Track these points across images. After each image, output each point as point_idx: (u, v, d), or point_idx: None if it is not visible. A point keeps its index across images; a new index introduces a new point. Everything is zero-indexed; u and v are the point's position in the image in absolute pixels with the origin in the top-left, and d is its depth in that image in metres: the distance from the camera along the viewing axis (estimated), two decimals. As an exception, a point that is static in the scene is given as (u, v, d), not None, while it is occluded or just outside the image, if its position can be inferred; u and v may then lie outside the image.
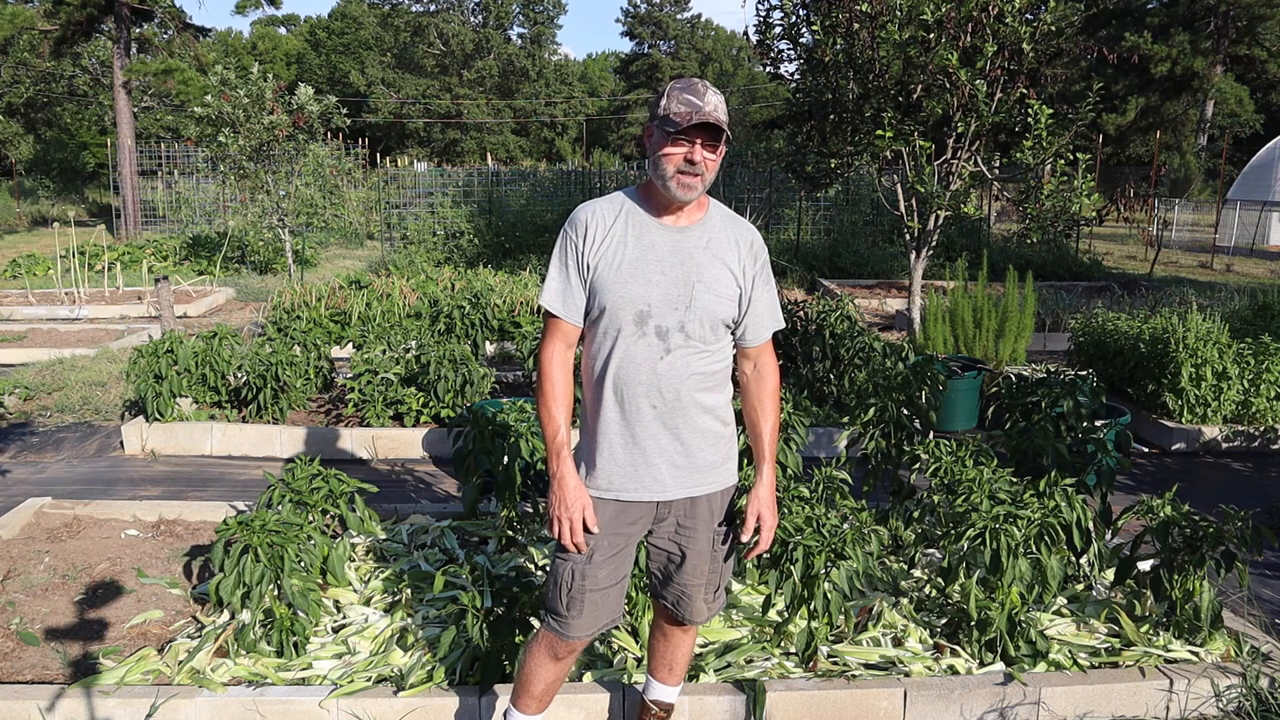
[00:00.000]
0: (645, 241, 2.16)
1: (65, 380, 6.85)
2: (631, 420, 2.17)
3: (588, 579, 2.20)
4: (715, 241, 2.20)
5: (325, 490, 3.51)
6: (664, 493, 2.21)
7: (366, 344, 6.21)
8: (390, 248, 15.07)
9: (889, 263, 13.33)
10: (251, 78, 11.58)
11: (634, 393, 2.16)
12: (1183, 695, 2.88)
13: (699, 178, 2.08)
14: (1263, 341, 5.96)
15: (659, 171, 2.10)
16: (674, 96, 2.06)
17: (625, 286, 2.13)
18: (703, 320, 2.16)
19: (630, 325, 2.14)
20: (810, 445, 5.20)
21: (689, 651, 2.52)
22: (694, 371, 2.18)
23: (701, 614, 2.36)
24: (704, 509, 2.27)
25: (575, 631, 2.24)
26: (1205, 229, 19.79)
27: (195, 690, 2.75)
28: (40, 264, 12.86)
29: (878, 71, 7.25)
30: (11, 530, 3.90)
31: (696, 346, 2.17)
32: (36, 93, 30.24)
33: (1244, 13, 28.44)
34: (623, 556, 2.25)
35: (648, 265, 2.14)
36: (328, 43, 47.99)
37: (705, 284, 2.16)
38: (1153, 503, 3.16)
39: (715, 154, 2.09)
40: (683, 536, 2.27)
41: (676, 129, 2.03)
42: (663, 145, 2.07)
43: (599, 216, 2.18)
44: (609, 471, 2.20)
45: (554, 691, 2.41)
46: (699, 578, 2.31)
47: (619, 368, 2.16)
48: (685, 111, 2.03)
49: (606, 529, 2.20)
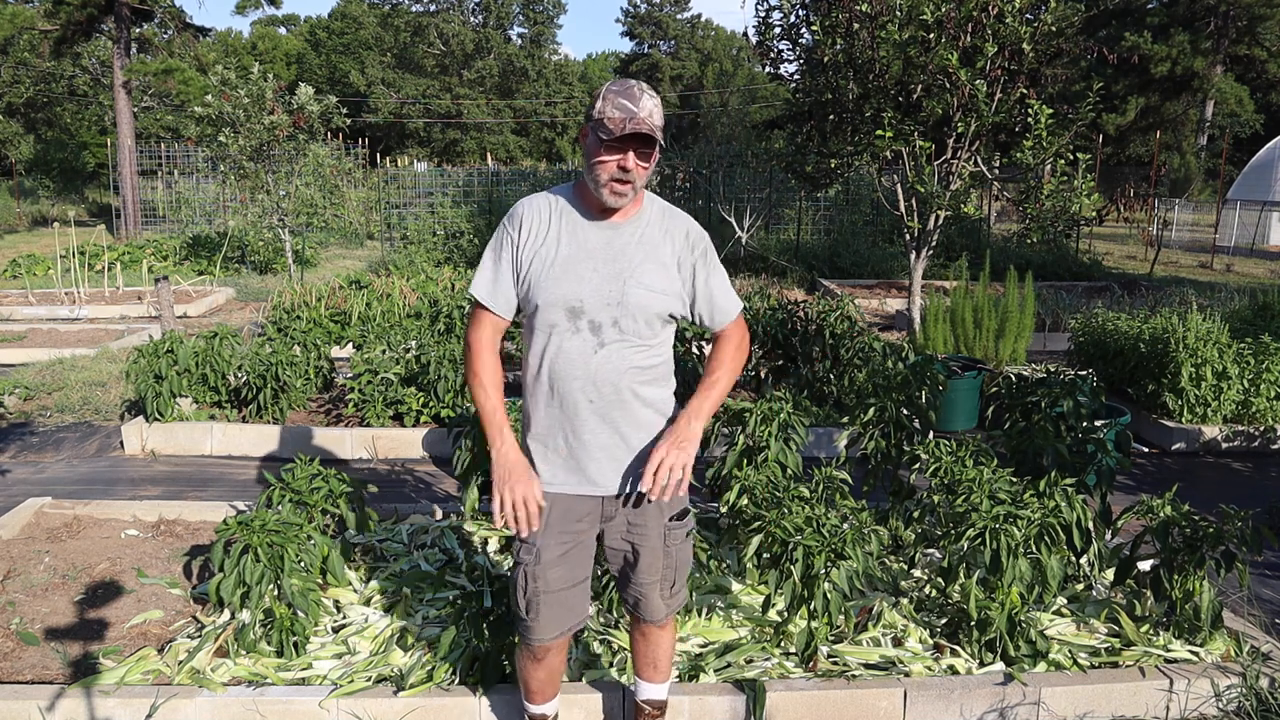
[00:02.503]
0: (579, 239, 2.17)
1: (65, 380, 6.85)
2: (570, 415, 2.18)
3: (540, 581, 2.21)
4: (649, 236, 2.20)
5: (325, 490, 3.51)
6: (608, 488, 2.21)
7: (366, 344, 6.21)
8: (390, 248, 15.07)
9: (889, 263, 13.33)
10: (251, 78, 11.58)
11: (570, 387, 2.16)
12: (1183, 695, 2.88)
13: (630, 185, 2.09)
14: (1263, 341, 5.96)
15: (593, 176, 2.10)
16: (609, 100, 2.04)
17: (558, 284, 2.14)
18: (636, 316, 2.16)
19: (564, 321, 2.15)
20: (810, 445, 5.20)
21: (670, 648, 2.51)
22: (631, 365, 2.18)
23: (660, 612, 2.36)
24: (652, 505, 2.26)
25: (538, 635, 2.26)
26: (1205, 229, 19.79)
27: (195, 690, 2.75)
28: (40, 264, 12.86)
29: (878, 71, 7.25)
30: (11, 530, 3.90)
31: (631, 341, 2.18)
32: (36, 93, 30.26)
33: (1244, 13, 28.43)
34: (575, 557, 2.24)
35: (580, 263, 2.15)
36: (328, 43, 47.99)
37: (637, 279, 2.16)
38: (1153, 503, 3.16)
39: (649, 161, 2.09)
40: (635, 535, 2.27)
41: (610, 137, 2.02)
42: (596, 152, 2.07)
43: (535, 212, 2.20)
44: (552, 465, 2.21)
45: (554, 682, 2.44)
46: (654, 575, 2.31)
47: (554, 363, 2.17)
48: (619, 119, 2.02)
49: (553, 527, 2.21)
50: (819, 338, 6.21)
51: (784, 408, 3.73)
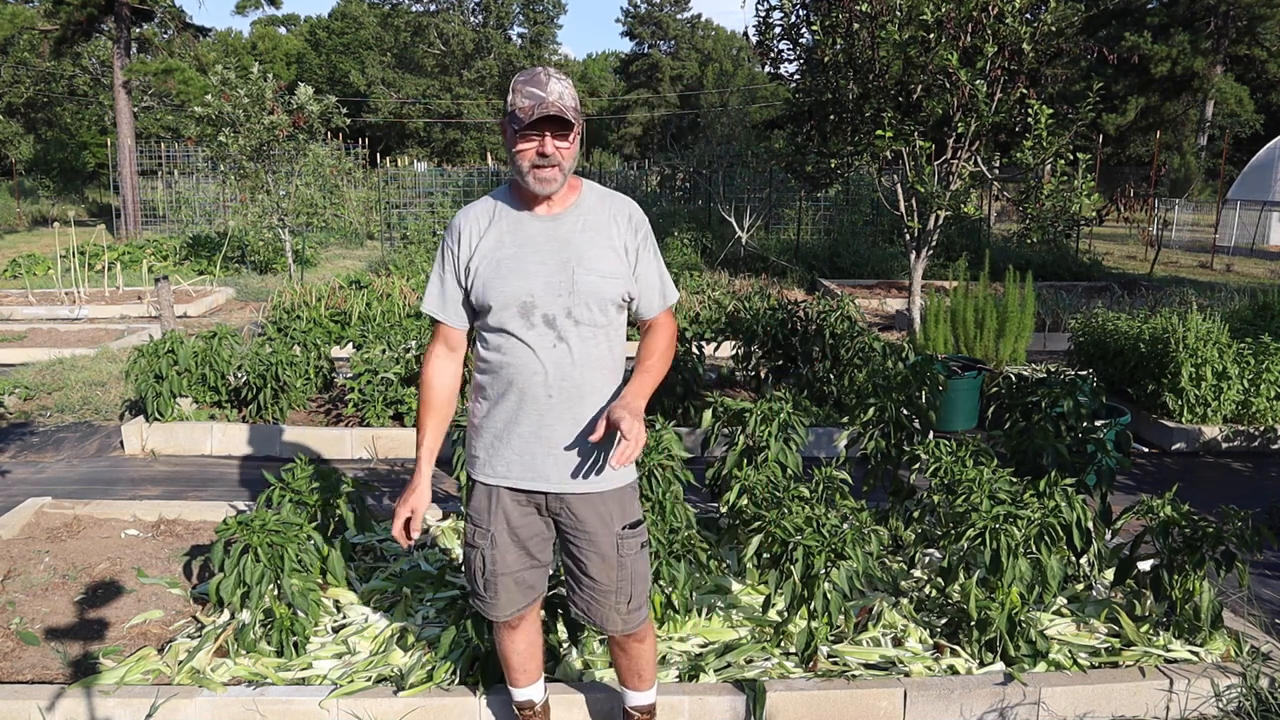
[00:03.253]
0: (522, 236, 2.18)
1: (65, 380, 6.85)
2: (529, 409, 2.18)
3: (498, 564, 2.29)
4: (591, 222, 2.20)
5: (325, 490, 3.51)
6: (562, 483, 2.22)
7: (366, 344, 6.21)
8: (390, 248, 15.07)
9: (889, 263, 13.33)
10: (251, 78, 11.59)
11: (530, 383, 2.16)
12: (1183, 695, 2.88)
13: (555, 168, 2.09)
14: (1263, 341, 5.96)
15: (517, 167, 2.11)
16: (518, 90, 2.06)
17: (507, 282, 2.15)
18: (588, 303, 2.16)
19: (517, 319, 2.15)
20: (810, 445, 5.20)
21: (651, 657, 2.48)
22: (588, 355, 2.18)
23: (615, 624, 2.33)
24: (597, 510, 2.24)
25: (497, 612, 2.34)
26: (1205, 229, 19.80)
27: (195, 690, 2.75)
28: (40, 264, 12.86)
29: (878, 71, 7.25)
30: (11, 530, 3.90)
31: (586, 331, 2.17)
32: (36, 93, 30.25)
33: (1244, 13, 28.44)
34: (532, 543, 2.30)
35: (525, 259, 2.16)
36: (328, 43, 47.99)
37: (585, 266, 2.16)
38: (1153, 503, 3.16)
39: (569, 141, 2.09)
40: (580, 539, 2.26)
41: (521, 126, 2.04)
42: (515, 142, 2.08)
43: (473, 220, 2.22)
44: (507, 459, 2.23)
45: (535, 658, 2.50)
46: (608, 584, 2.28)
47: (512, 359, 2.17)
48: (529, 105, 2.03)
49: (505, 513, 2.25)
50: (819, 338, 6.21)
51: (784, 408, 3.73)
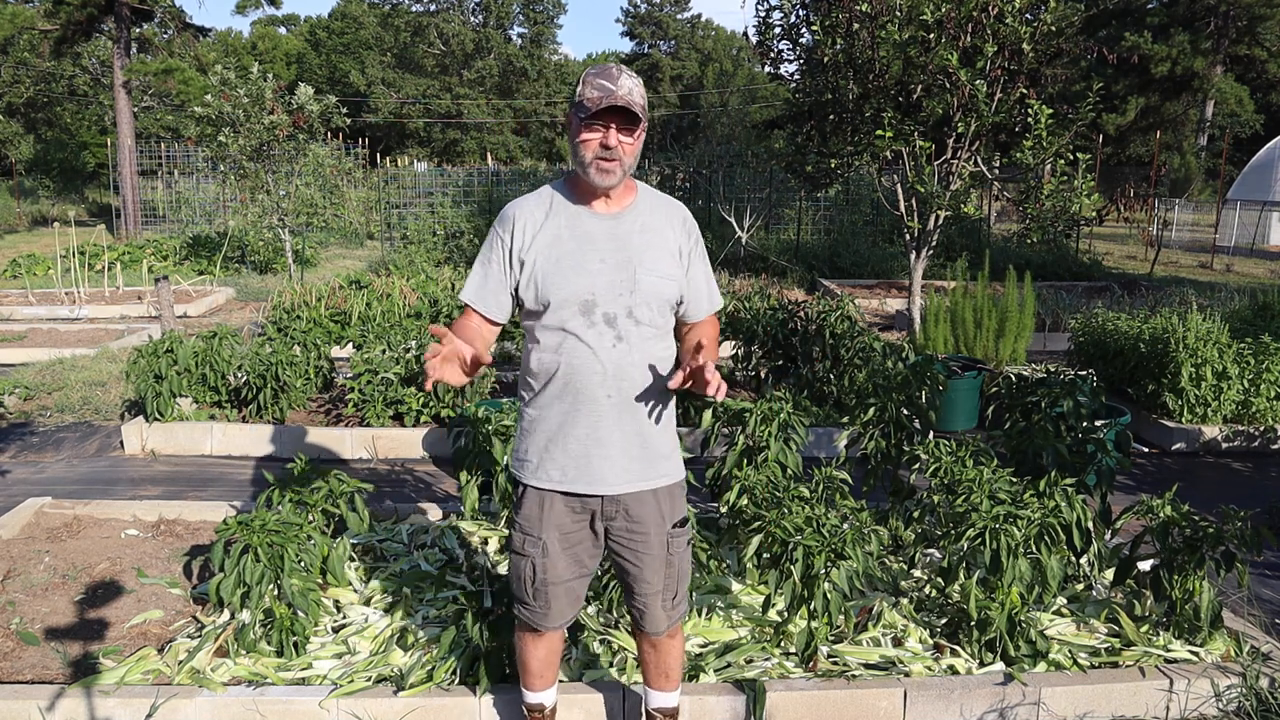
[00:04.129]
0: (581, 232, 2.16)
1: (65, 380, 6.85)
2: (586, 411, 2.16)
3: (549, 572, 2.24)
4: (650, 223, 2.21)
5: (325, 490, 3.51)
6: (616, 485, 2.20)
7: (366, 344, 6.21)
8: (390, 248, 15.06)
9: (889, 263, 13.32)
10: (251, 78, 11.58)
11: (588, 383, 2.14)
12: (1183, 695, 2.88)
13: (617, 162, 2.09)
14: (1263, 341, 5.96)
15: (579, 158, 2.11)
16: (588, 82, 2.06)
17: (568, 279, 2.13)
18: (649, 303, 2.16)
19: (578, 317, 2.13)
20: (810, 445, 5.20)
21: (680, 656, 2.50)
22: (649, 356, 2.18)
23: (661, 624, 2.34)
24: (653, 510, 2.25)
25: (547, 622, 2.30)
26: (1205, 229, 19.79)
27: (195, 690, 2.75)
28: (40, 264, 12.86)
29: (878, 71, 7.25)
30: (11, 530, 3.90)
31: (646, 331, 2.17)
32: (36, 93, 30.25)
33: (1244, 13, 28.43)
34: (581, 550, 2.26)
35: (586, 255, 2.14)
36: (328, 43, 47.97)
37: (646, 267, 2.16)
38: (1153, 503, 3.16)
39: (633, 138, 2.09)
40: (636, 542, 2.25)
41: (588, 114, 2.04)
42: (579, 132, 2.08)
43: (528, 213, 2.19)
44: (562, 463, 2.20)
45: (552, 664, 2.46)
46: (655, 585, 2.29)
47: (570, 358, 2.15)
48: (597, 96, 2.03)
49: (557, 521, 2.22)
50: (819, 338, 6.21)
51: (784, 408, 3.73)
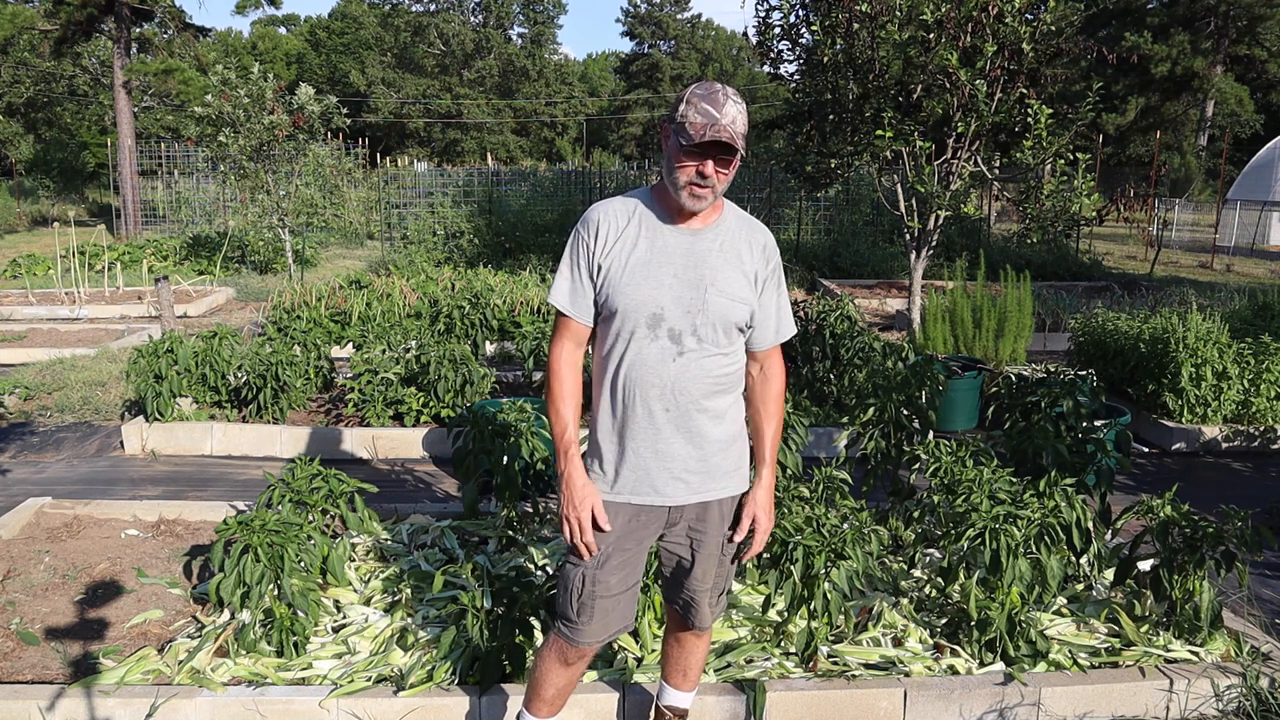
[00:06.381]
0: (659, 244, 2.13)
1: (65, 380, 6.85)
2: (645, 423, 2.14)
3: (599, 585, 2.17)
4: (729, 244, 2.17)
5: (325, 490, 3.51)
6: (677, 498, 2.19)
7: (366, 344, 6.21)
8: (390, 248, 15.07)
9: (889, 263, 13.33)
10: (251, 78, 11.59)
11: (647, 395, 2.13)
12: (1183, 695, 2.88)
13: (709, 189, 2.06)
14: (1263, 341, 5.96)
15: (672, 178, 2.07)
16: (693, 104, 2.00)
17: (638, 289, 2.10)
18: (715, 324, 2.13)
19: (643, 328, 2.11)
20: (810, 445, 5.19)
21: (703, 657, 2.49)
22: (707, 374, 2.15)
23: (707, 619, 2.35)
24: (715, 513, 2.25)
25: (586, 638, 2.21)
26: (1205, 229, 19.80)
27: (195, 690, 2.75)
28: (40, 264, 12.86)
29: (878, 71, 7.25)
30: (11, 530, 3.90)
31: (709, 349, 2.14)
32: (37, 93, 30.23)
33: (1244, 13, 28.44)
34: (635, 563, 2.22)
35: (660, 268, 2.12)
36: (328, 43, 47.98)
37: (718, 287, 2.13)
38: (1153, 503, 3.16)
39: (728, 169, 2.05)
40: (694, 540, 2.25)
41: (690, 143, 1.99)
42: (677, 156, 2.04)
43: (612, 217, 2.16)
44: (624, 475, 2.17)
45: (566, 695, 2.38)
46: (706, 582, 2.29)
47: (631, 370, 2.13)
48: (701, 124, 1.98)
49: (619, 533, 2.17)
50: (819, 338, 6.21)
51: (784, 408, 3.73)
